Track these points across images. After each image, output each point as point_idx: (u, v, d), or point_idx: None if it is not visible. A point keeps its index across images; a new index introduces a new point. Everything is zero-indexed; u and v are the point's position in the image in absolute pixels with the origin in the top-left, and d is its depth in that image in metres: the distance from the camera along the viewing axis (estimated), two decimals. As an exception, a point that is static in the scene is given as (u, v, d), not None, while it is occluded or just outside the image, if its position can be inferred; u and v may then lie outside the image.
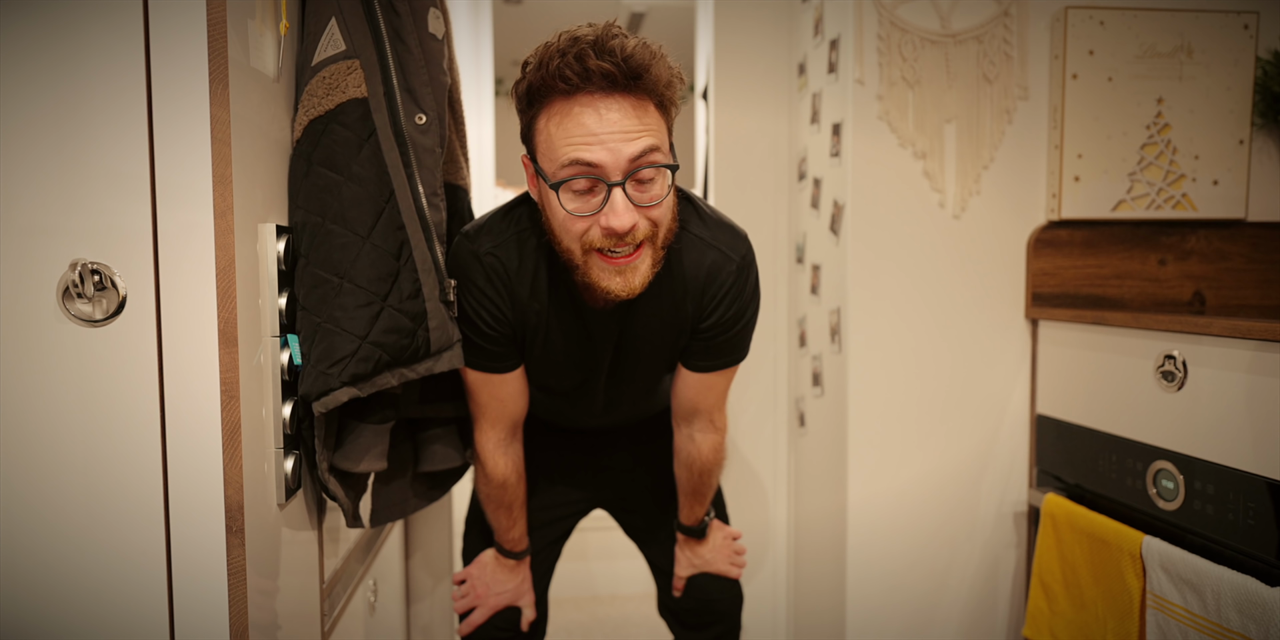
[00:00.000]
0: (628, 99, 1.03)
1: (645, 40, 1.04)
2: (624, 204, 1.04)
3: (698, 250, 1.21)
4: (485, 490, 1.35)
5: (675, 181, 1.12)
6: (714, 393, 1.33)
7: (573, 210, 1.06)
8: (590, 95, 1.02)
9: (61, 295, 0.74)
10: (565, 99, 1.03)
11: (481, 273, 1.18)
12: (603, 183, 1.04)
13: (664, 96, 1.06)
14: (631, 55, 1.01)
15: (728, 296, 1.23)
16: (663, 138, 1.07)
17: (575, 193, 1.06)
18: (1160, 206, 1.72)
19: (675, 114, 1.11)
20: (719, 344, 1.26)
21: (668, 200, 1.09)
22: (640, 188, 1.06)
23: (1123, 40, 1.68)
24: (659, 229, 1.10)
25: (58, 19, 0.73)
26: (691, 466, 1.38)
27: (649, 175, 1.05)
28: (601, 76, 1.01)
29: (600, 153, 1.02)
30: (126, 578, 0.76)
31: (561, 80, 1.01)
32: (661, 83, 1.04)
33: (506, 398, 1.28)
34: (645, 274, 1.11)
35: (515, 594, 1.43)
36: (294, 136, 0.99)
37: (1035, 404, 1.74)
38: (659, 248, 1.11)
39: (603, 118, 1.02)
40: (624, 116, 1.02)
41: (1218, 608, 1.19)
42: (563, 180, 1.04)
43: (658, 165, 1.05)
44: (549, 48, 1.04)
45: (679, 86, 1.08)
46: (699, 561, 1.47)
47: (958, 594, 1.78)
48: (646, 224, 1.08)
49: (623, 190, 1.04)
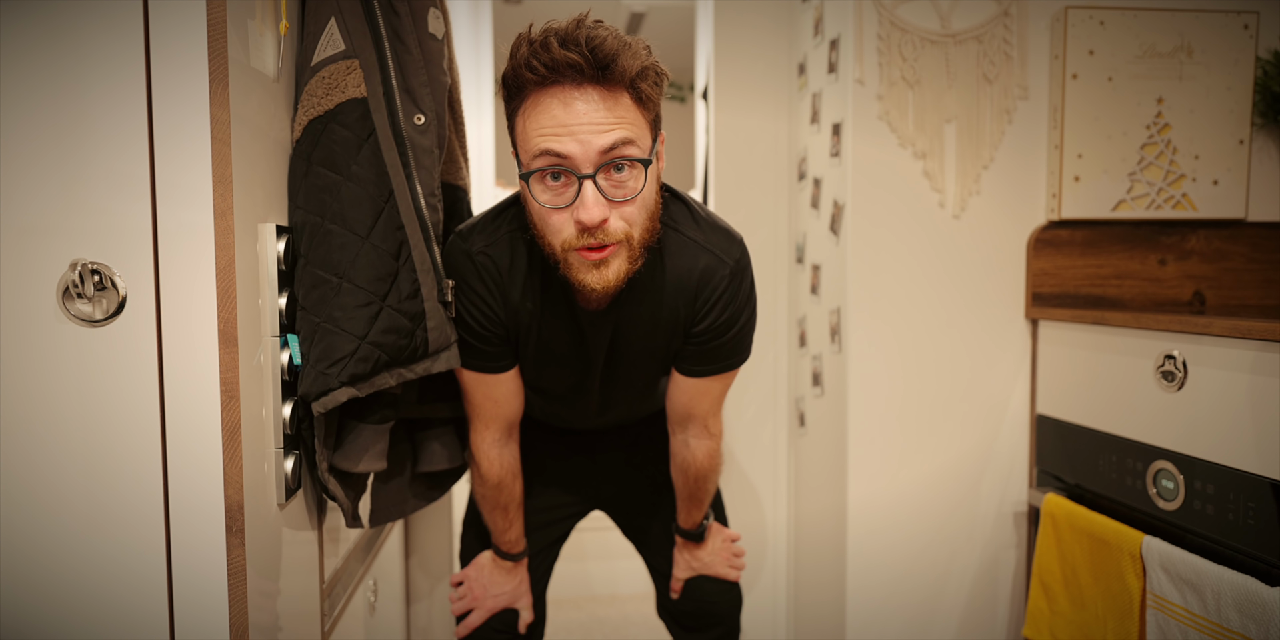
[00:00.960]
0: (598, 90, 1.01)
1: (618, 32, 1.03)
2: (594, 197, 1.02)
3: (691, 253, 1.20)
4: (481, 491, 1.34)
5: (657, 178, 1.10)
6: (708, 398, 1.32)
7: (544, 202, 1.05)
8: (561, 87, 1.01)
9: (61, 295, 0.74)
10: (538, 91, 1.02)
11: (474, 272, 1.17)
12: (574, 175, 1.03)
13: (639, 88, 1.04)
14: (598, 46, 0.99)
15: (720, 300, 1.21)
16: (640, 131, 1.05)
17: (547, 185, 1.05)
18: (1160, 206, 1.72)
19: (655, 109, 1.08)
20: (712, 349, 1.25)
21: (644, 196, 1.07)
22: (614, 181, 1.04)
23: (1123, 40, 1.68)
24: (633, 229, 1.07)
25: (58, 19, 0.73)
26: (687, 472, 1.37)
27: (622, 168, 1.04)
28: (568, 66, 0.99)
29: (570, 144, 1.01)
30: (126, 578, 0.76)
31: (529, 70, 1.01)
32: (632, 73, 1.02)
33: (501, 398, 1.28)
34: (619, 269, 1.08)
35: (513, 596, 1.43)
36: (293, 136, 0.99)
37: (1035, 404, 1.74)
38: (636, 248, 1.09)
39: (571, 109, 1.01)
40: (594, 108, 1.01)
41: (1218, 608, 1.19)
42: (533, 170, 1.04)
43: (629, 159, 1.03)
44: (520, 37, 1.03)
45: (655, 79, 1.06)
46: (697, 564, 1.47)
47: (958, 594, 1.78)
48: (619, 222, 1.06)
49: (594, 183, 1.02)
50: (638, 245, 1.10)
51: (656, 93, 1.07)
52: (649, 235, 1.11)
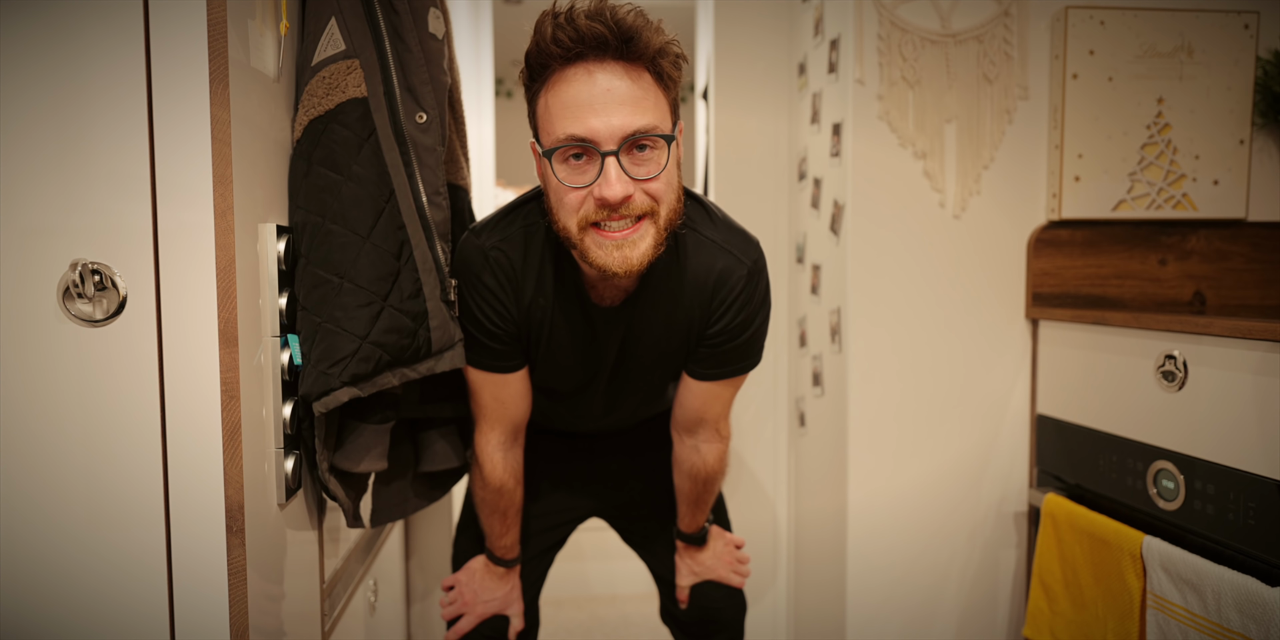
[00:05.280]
0: (621, 66, 1.01)
1: (640, 10, 1.03)
2: (617, 173, 1.02)
3: (708, 253, 1.19)
4: (481, 494, 1.33)
5: (678, 159, 1.10)
6: (720, 402, 1.31)
7: (564, 179, 1.04)
8: (585, 62, 1.01)
9: (62, 295, 0.74)
10: (562, 67, 1.02)
11: (487, 269, 1.17)
12: (596, 152, 1.02)
13: (660, 66, 1.04)
14: (622, 19, 1.00)
15: (736, 302, 1.20)
16: (661, 110, 1.05)
17: (569, 162, 1.04)
18: (1160, 206, 1.72)
19: (675, 90, 1.08)
20: (726, 351, 1.24)
21: (667, 174, 1.06)
22: (636, 159, 1.04)
23: (1123, 40, 1.68)
24: (659, 205, 1.06)
25: (58, 19, 0.73)
26: (695, 476, 1.36)
27: (645, 145, 1.03)
28: (594, 39, 0.99)
29: (593, 121, 1.01)
30: (127, 578, 0.76)
31: (555, 43, 1.01)
32: (654, 48, 1.02)
33: (509, 399, 1.27)
34: (645, 251, 1.07)
35: (503, 602, 1.41)
36: (294, 136, 0.99)
37: (1035, 404, 1.74)
38: (661, 227, 1.08)
39: (596, 84, 1.01)
40: (618, 84, 1.01)
41: (1218, 608, 1.19)
42: (556, 147, 1.03)
43: (653, 135, 1.03)
44: (545, 14, 1.03)
45: (675, 59, 1.06)
46: (700, 569, 1.45)
47: (958, 594, 1.78)
48: (644, 197, 1.05)
49: (616, 160, 1.02)
50: (664, 224, 1.08)
51: (677, 74, 1.07)
52: (675, 215, 1.10)
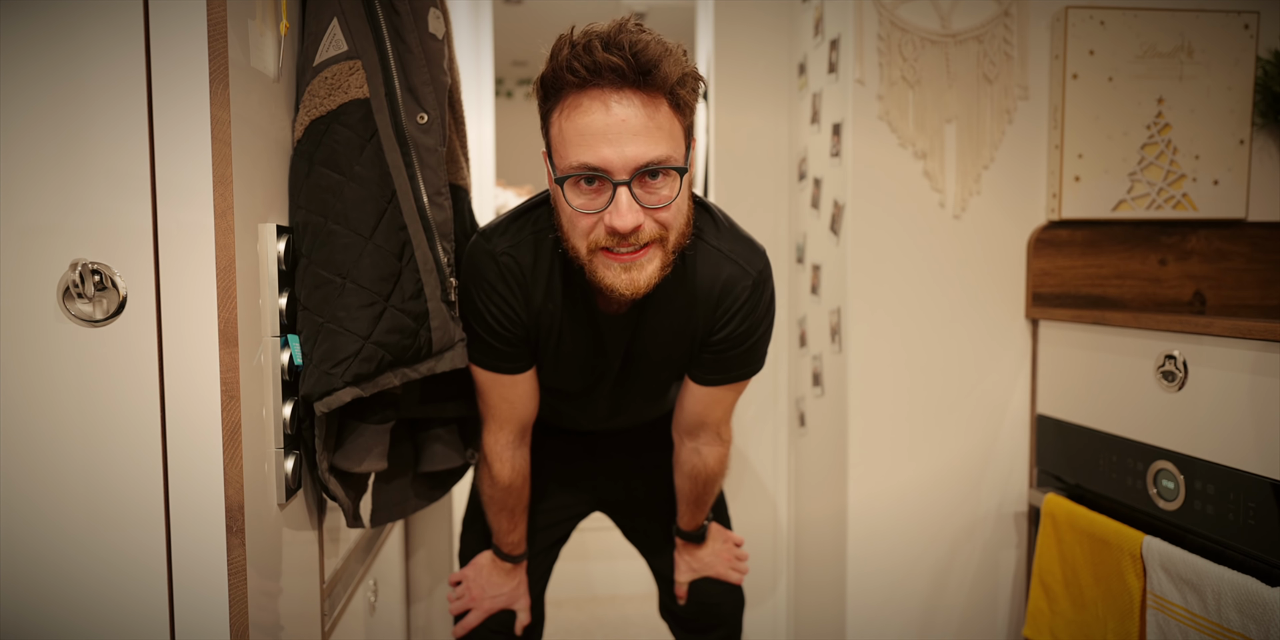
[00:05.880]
0: (638, 96, 1.01)
1: (660, 38, 1.02)
2: (629, 203, 1.02)
3: (714, 262, 1.20)
4: (489, 492, 1.34)
5: (690, 184, 1.10)
6: (722, 407, 1.32)
7: (577, 206, 1.05)
8: (600, 90, 1.00)
9: (62, 295, 0.74)
10: (576, 93, 1.02)
11: (496, 272, 1.17)
12: (609, 181, 1.02)
13: (678, 95, 1.03)
14: (642, 50, 0.99)
15: (741, 311, 1.21)
16: (676, 139, 1.05)
17: (581, 189, 1.05)
18: (1160, 206, 1.72)
19: (691, 115, 1.08)
20: (729, 358, 1.25)
21: (678, 203, 1.07)
22: (648, 188, 1.04)
23: (1123, 40, 1.68)
24: (668, 232, 1.07)
25: (58, 19, 0.73)
26: (696, 478, 1.37)
27: (656, 175, 1.03)
28: (610, 70, 0.99)
29: (607, 151, 1.00)
30: (127, 578, 0.76)
31: (570, 72, 1.00)
32: (673, 79, 1.01)
33: (516, 399, 1.27)
34: (651, 274, 1.08)
35: (510, 597, 1.42)
36: (295, 136, 0.99)
37: (1035, 404, 1.74)
38: (669, 251, 1.09)
39: (611, 114, 1.00)
40: (633, 114, 1.00)
41: (1218, 608, 1.19)
42: (568, 175, 1.04)
43: (665, 167, 1.03)
44: (562, 39, 1.03)
45: (693, 85, 1.06)
46: (698, 565, 1.47)
47: (958, 594, 1.78)
48: (653, 225, 1.05)
49: (628, 190, 1.02)
50: (671, 248, 1.09)
51: (694, 99, 1.07)
52: (683, 239, 1.11)
